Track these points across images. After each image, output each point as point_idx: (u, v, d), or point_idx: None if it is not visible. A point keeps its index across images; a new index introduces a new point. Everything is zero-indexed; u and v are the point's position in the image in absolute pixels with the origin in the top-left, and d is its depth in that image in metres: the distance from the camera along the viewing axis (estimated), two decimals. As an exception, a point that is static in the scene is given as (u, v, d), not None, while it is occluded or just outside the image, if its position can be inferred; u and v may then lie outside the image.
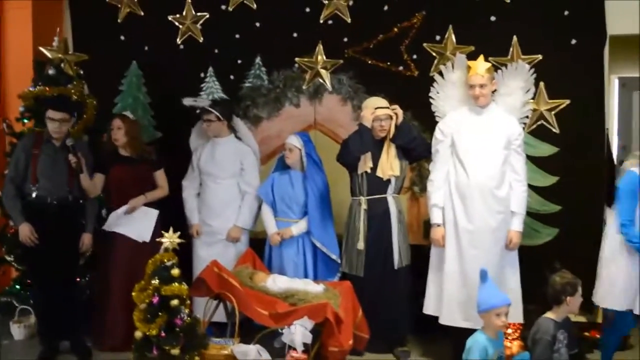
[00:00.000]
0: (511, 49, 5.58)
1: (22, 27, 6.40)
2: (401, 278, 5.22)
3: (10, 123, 6.00)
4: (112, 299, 5.27)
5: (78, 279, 5.53)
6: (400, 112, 5.23)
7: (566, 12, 5.58)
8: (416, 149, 5.25)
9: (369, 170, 5.23)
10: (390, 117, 5.21)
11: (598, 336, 5.36)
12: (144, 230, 5.33)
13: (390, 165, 5.21)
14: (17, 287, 5.81)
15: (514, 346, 5.00)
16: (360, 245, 5.21)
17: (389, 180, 5.22)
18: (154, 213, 5.37)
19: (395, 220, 5.23)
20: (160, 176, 5.49)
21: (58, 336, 5.25)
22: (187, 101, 5.69)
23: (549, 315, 4.20)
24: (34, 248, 5.00)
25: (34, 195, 5.00)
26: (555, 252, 5.42)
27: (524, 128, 5.10)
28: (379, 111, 5.18)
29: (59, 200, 5.04)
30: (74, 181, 5.08)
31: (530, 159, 5.44)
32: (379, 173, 5.21)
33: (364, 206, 5.23)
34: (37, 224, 4.99)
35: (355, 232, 5.25)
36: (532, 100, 5.25)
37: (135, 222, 5.32)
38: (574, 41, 5.56)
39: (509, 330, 5.01)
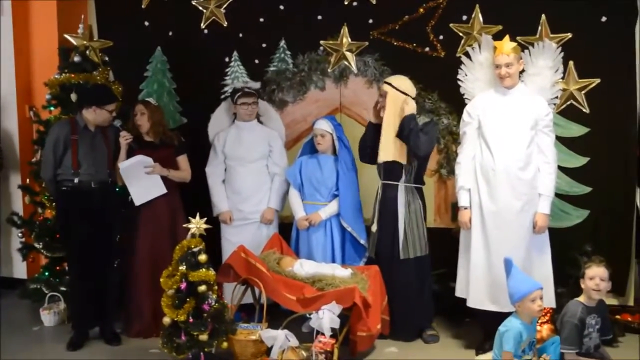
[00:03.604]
0: (540, 28, 5.46)
1: (47, 15, 6.41)
2: (409, 269, 5.11)
3: (37, 111, 6.04)
4: (137, 284, 5.30)
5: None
6: (409, 103, 5.03)
7: (596, -11, 5.46)
8: (409, 142, 5.00)
9: None
10: (387, 94, 5.06)
11: (630, 319, 5.30)
12: (156, 185, 5.28)
13: (383, 147, 5.06)
14: (46, 274, 5.85)
15: (544, 330, 4.95)
16: (374, 227, 5.22)
17: (402, 168, 5.10)
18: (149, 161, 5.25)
19: (403, 210, 5.10)
20: (182, 161, 5.48)
21: (91, 322, 5.30)
22: (239, 84, 5.66)
23: (579, 298, 4.15)
24: (76, 233, 5.05)
25: (76, 181, 5.05)
26: (586, 235, 5.39)
27: (554, 109, 5.02)
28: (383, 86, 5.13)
29: (100, 184, 5.12)
30: (112, 165, 5.18)
31: (560, 139, 5.34)
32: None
33: (379, 191, 5.23)
34: (81, 209, 5.04)
35: (373, 214, 5.27)
36: (561, 80, 5.15)
37: (145, 185, 5.25)
38: (604, 19, 5.43)
39: (539, 314, 4.98)
